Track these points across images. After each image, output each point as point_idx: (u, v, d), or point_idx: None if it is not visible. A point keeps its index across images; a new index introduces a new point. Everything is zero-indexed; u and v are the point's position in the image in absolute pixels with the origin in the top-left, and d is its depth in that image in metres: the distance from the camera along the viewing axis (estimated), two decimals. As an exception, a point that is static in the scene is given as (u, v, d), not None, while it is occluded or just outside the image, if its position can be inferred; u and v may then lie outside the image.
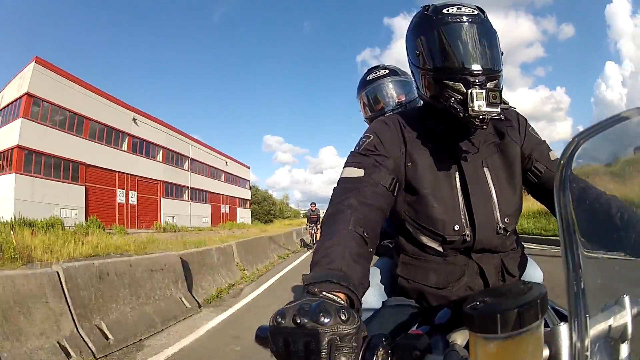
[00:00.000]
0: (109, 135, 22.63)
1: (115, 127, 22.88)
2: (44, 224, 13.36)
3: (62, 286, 2.96)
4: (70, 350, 2.77)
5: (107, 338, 3.11)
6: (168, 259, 4.43)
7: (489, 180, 0.91)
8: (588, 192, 0.52)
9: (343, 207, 0.78)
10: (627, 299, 0.46)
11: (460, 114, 0.83)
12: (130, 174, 24.04)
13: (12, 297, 2.62)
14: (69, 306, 2.95)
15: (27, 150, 17.62)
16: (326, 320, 0.47)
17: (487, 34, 0.86)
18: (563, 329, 0.41)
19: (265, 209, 49.24)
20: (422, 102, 1.00)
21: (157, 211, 26.39)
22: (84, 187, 20.38)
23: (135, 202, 24.38)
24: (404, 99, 1.70)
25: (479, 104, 0.81)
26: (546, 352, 0.40)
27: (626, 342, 0.45)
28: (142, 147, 25.66)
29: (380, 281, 1.16)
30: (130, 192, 24.01)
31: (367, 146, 0.91)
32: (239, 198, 40.27)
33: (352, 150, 0.93)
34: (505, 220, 0.89)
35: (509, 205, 0.90)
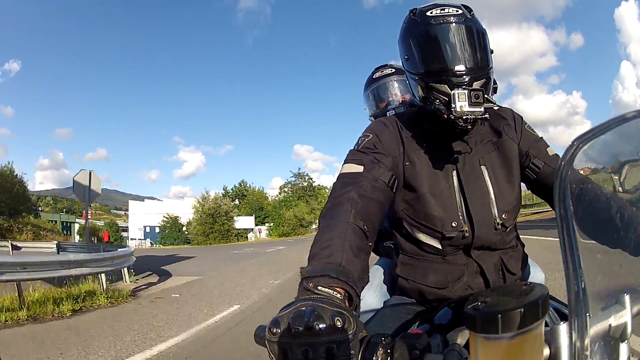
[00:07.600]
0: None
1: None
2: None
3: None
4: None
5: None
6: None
7: (486, 177, 0.91)
8: (588, 192, 0.51)
9: (343, 200, 0.78)
10: (627, 298, 0.45)
11: (445, 115, 0.84)
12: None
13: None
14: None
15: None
16: (321, 326, 0.46)
17: (471, 33, 0.86)
18: (563, 328, 0.41)
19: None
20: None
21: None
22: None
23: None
24: (408, 98, 1.69)
25: (461, 105, 0.81)
26: (546, 352, 0.40)
27: (626, 341, 0.45)
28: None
29: (381, 282, 1.16)
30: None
31: (366, 144, 0.91)
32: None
33: (351, 148, 0.93)
34: (503, 216, 0.89)
35: (506, 202, 0.91)
